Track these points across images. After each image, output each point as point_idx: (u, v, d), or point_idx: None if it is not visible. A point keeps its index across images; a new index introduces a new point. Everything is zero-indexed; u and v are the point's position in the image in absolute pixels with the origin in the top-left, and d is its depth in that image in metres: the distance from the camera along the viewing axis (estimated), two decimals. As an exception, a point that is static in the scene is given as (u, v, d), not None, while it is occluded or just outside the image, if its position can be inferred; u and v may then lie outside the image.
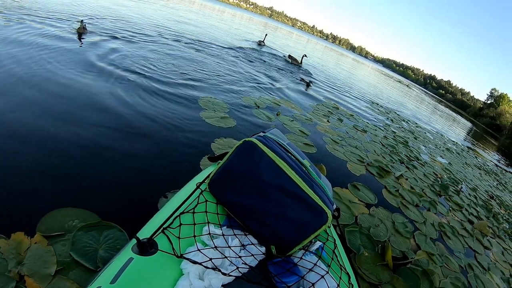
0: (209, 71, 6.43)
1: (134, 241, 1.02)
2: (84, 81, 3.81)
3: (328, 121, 6.38)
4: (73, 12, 7.58)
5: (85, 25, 6.08)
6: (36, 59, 3.97)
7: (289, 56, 13.54)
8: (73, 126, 2.84)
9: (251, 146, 1.29)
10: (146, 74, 4.81)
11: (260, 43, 15.45)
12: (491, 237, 4.77)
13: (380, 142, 6.65)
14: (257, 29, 29.59)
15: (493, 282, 3.52)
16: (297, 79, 9.70)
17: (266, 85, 7.22)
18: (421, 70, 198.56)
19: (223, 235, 1.20)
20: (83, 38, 5.64)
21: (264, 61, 10.77)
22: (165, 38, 8.15)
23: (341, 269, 1.29)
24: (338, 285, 1.16)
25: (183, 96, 4.48)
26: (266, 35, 17.09)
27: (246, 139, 1.31)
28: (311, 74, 12.34)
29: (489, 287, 3.36)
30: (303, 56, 13.46)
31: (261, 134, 1.47)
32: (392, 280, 2.59)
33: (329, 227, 1.54)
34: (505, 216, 6.56)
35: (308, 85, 9.41)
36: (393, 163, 5.63)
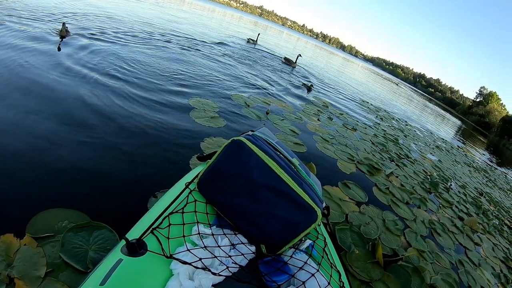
0: (199, 70, 6.40)
1: (123, 242, 1.02)
2: (69, 85, 3.72)
3: (318, 119, 6.39)
4: (57, 12, 7.34)
5: (67, 27, 5.70)
6: (13, 67, 3.76)
7: (285, 58, 13.69)
8: (61, 128, 2.82)
9: (239, 145, 1.29)
10: (134, 74, 4.77)
11: (250, 41, 15.61)
12: (481, 233, 4.81)
13: (370, 140, 6.68)
14: (247, 28, 29.56)
15: (484, 278, 3.55)
16: (293, 82, 9.61)
17: (256, 85, 7.21)
18: (410, 68, 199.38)
19: (212, 234, 1.20)
20: (65, 41, 5.32)
21: (256, 61, 10.77)
22: (154, 38, 8.03)
23: (331, 267, 1.29)
24: (329, 283, 1.16)
25: (173, 96, 4.47)
26: (258, 34, 17.18)
27: (235, 138, 1.31)
28: (312, 79, 12.35)
29: (480, 282, 3.39)
30: (298, 56, 13.61)
31: (250, 133, 1.47)
32: (383, 277, 2.60)
33: (319, 225, 1.54)
34: (494, 213, 6.62)
35: (309, 89, 9.35)
36: (383, 161, 5.65)
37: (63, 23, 5.67)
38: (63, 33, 5.52)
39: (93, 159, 2.57)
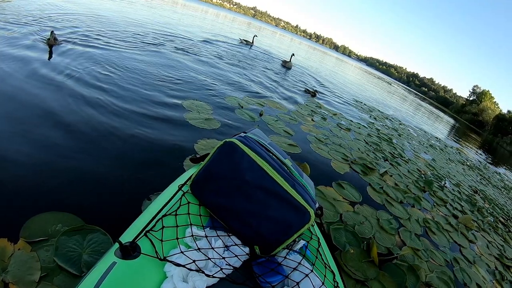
0: (193, 72, 6.39)
1: (117, 245, 1.02)
2: (65, 93, 3.69)
3: (312, 120, 6.39)
4: (46, 16, 7.07)
5: (55, 35, 5.26)
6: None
7: (283, 61, 13.88)
8: (53, 132, 2.81)
9: (231, 147, 1.29)
10: (128, 78, 4.76)
11: (243, 42, 15.76)
12: (476, 231, 4.83)
13: (364, 140, 6.69)
14: (241, 29, 29.57)
15: (479, 275, 3.57)
16: (288, 84, 9.60)
17: (251, 86, 7.23)
18: (404, 68, 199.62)
19: (206, 236, 1.21)
20: (53, 51, 4.92)
21: (251, 62, 10.79)
22: (147, 41, 7.93)
23: (325, 267, 1.30)
24: (323, 283, 1.17)
25: (167, 98, 4.47)
26: (255, 36, 17.25)
27: (227, 139, 1.31)
28: (306, 79, 12.36)
29: (475, 280, 3.40)
30: (291, 56, 13.79)
31: (242, 134, 1.47)
32: (378, 276, 2.61)
33: (312, 225, 1.55)
34: (489, 210, 6.65)
35: (314, 95, 9.22)
36: (377, 160, 5.66)
37: (51, 31, 5.27)
38: (51, 42, 5.18)
39: (86, 162, 2.57)
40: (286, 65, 13.30)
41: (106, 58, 5.34)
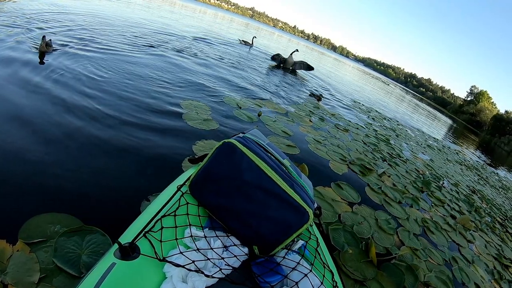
0: (192, 73, 6.39)
1: (116, 246, 1.02)
2: (62, 98, 3.71)
3: (310, 121, 6.38)
4: (38, 19, 6.79)
5: (49, 41, 4.88)
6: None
7: (274, 55, 13.39)
8: (54, 132, 2.81)
9: (230, 147, 1.29)
10: (126, 80, 4.76)
11: (242, 42, 15.93)
12: (474, 230, 4.83)
13: (362, 140, 6.68)
14: (239, 29, 29.57)
15: (478, 274, 3.57)
16: (287, 83, 9.61)
17: (249, 87, 7.24)
18: (401, 68, 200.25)
19: (205, 237, 1.21)
20: (46, 60, 4.49)
21: (249, 63, 10.77)
22: (145, 43, 7.93)
23: (324, 267, 1.30)
24: (322, 283, 1.17)
25: (166, 99, 4.47)
26: (254, 37, 17.34)
27: (226, 140, 1.32)
28: (304, 79, 12.33)
29: (473, 279, 3.41)
30: (294, 51, 13.55)
31: (241, 135, 1.47)
32: (377, 276, 2.61)
33: (311, 225, 1.55)
34: (487, 210, 6.65)
35: (319, 99, 9.16)
36: (376, 161, 5.66)
37: (43, 36, 4.76)
38: (43, 48, 4.70)
39: (84, 163, 2.56)
40: (285, 63, 12.92)
41: (103, 63, 5.21)
